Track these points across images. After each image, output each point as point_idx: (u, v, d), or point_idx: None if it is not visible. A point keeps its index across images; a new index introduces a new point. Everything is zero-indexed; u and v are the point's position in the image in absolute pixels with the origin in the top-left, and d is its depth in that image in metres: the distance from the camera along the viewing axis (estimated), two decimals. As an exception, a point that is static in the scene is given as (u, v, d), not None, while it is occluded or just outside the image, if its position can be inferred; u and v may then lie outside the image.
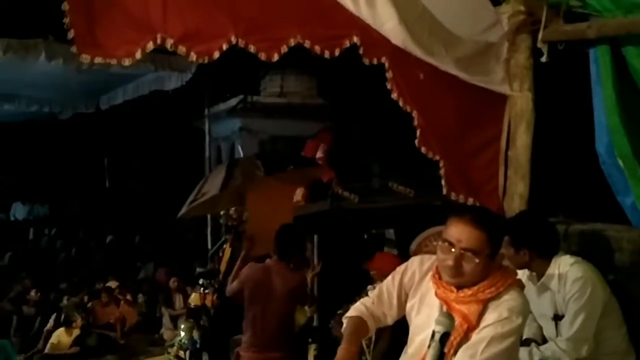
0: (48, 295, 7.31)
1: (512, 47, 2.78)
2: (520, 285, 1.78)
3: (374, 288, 2.22)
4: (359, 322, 1.89)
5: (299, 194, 4.77)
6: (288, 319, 3.20)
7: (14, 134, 11.11)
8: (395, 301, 1.87)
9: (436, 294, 1.76)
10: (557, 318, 2.39)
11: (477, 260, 1.65)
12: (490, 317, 1.66)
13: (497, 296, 1.68)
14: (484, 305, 1.68)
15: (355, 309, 1.93)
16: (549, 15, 2.67)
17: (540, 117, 2.85)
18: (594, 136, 2.80)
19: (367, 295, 2.01)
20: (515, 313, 1.65)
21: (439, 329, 1.58)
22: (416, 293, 1.83)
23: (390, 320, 1.91)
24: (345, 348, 1.76)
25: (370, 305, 1.92)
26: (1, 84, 7.55)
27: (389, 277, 1.90)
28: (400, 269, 1.90)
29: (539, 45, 2.71)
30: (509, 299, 1.68)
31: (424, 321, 1.78)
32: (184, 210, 4.14)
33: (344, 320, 1.93)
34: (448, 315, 1.63)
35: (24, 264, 8.27)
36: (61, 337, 6.22)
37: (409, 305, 1.85)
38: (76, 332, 6.28)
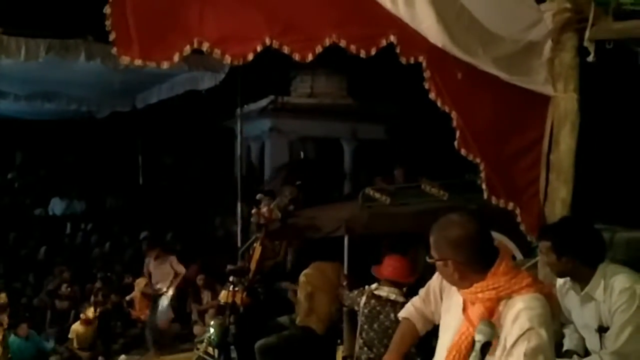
0: (83, 289, 7.50)
1: (557, 46, 2.67)
2: (541, 291, 1.67)
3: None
4: (406, 326, 2.03)
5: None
6: None
7: (54, 133, 11.50)
8: (439, 299, 1.93)
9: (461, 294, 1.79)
10: (602, 330, 2.28)
11: (435, 264, 1.74)
12: (511, 331, 1.58)
13: (506, 298, 1.63)
14: (489, 309, 1.64)
15: (406, 310, 2.07)
16: (596, 12, 2.55)
17: (584, 119, 2.73)
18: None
19: None
20: (538, 324, 1.58)
21: (480, 338, 1.56)
22: (446, 295, 1.89)
23: (437, 319, 1.96)
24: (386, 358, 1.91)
25: (419, 305, 2.03)
26: (43, 83, 7.83)
27: (434, 276, 1.95)
28: None
29: (586, 44, 2.59)
30: (526, 308, 1.60)
31: (450, 321, 1.82)
32: None
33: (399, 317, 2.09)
34: (489, 324, 1.59)
35: (59, 258, 8.51)
36: (78, 330, 6.35)
37: (442, 307, 1.91)
38: (94, 323, 6.37)
